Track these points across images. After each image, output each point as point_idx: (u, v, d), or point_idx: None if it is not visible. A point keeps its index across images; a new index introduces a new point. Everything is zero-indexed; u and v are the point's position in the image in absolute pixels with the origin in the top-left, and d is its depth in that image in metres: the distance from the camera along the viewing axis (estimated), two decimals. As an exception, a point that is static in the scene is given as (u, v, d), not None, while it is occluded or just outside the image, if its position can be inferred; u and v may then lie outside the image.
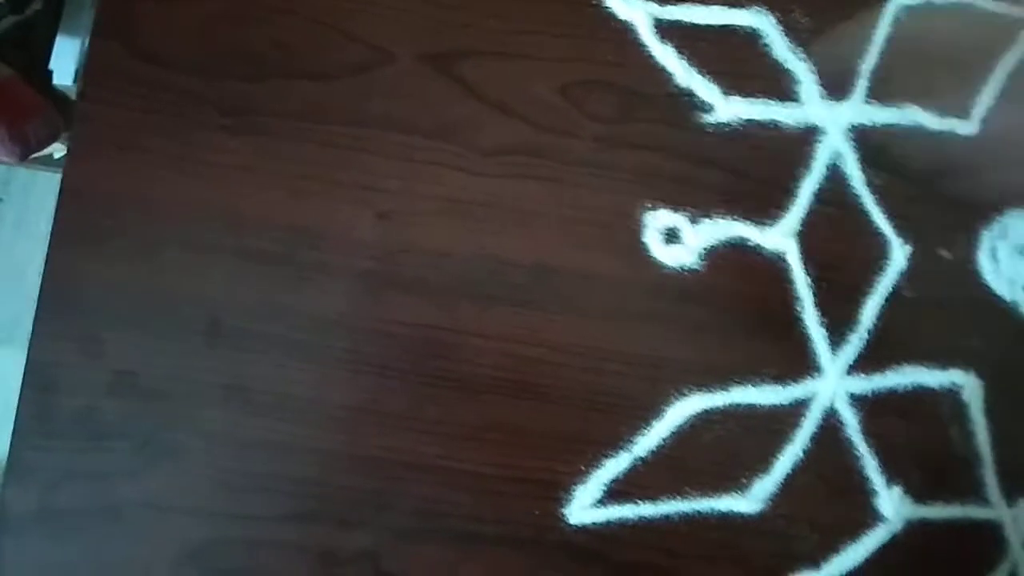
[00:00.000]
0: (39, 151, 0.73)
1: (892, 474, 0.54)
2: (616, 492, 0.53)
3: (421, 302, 0.53)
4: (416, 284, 0.53)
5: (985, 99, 0.56)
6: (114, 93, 0.53)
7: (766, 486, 0.53)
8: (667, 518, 0.53)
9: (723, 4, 0.55)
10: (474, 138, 0.54)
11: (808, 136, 0.55)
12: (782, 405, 0.54)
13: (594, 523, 0.53)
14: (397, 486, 0.52)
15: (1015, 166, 0.56)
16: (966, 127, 0.56)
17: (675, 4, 0.55)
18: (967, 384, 0.55)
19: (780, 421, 0.54)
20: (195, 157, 0.53)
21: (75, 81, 0.87)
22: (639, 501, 0.53)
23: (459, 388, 0.53)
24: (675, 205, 0.55)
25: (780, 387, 0.54)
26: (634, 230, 0.54)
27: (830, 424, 0.54)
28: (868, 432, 0.54)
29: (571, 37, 0.55)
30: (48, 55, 0.90)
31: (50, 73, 0.89)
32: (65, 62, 0.89)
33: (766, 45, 0.55)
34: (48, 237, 0.52)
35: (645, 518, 0.53)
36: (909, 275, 0.55)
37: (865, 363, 0.55)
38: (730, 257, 0.55)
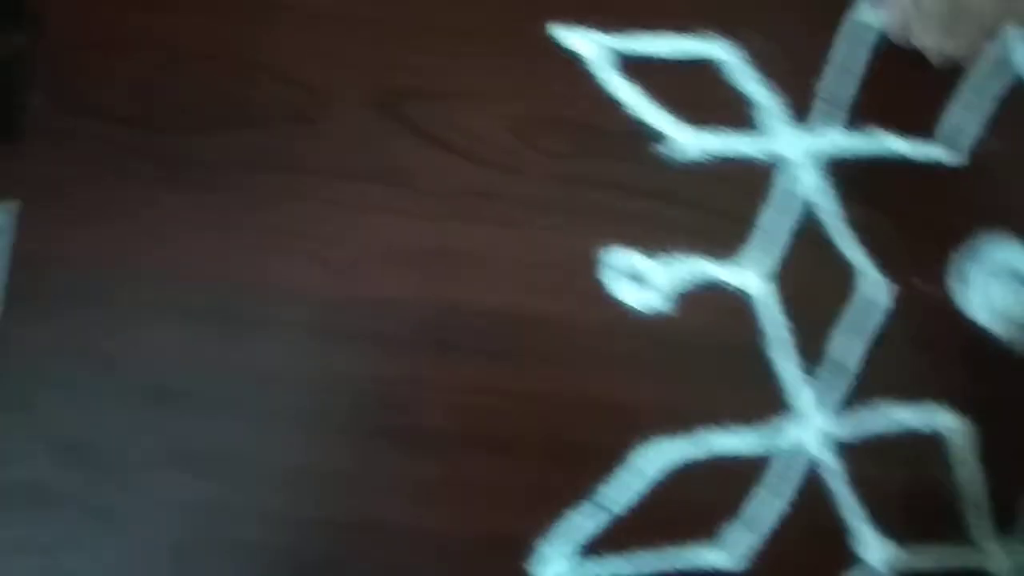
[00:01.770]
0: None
1: (873, 518, 0.51)
2: (586, 548, 0.51)
3: (369, 354, 0.51)
4: (364, 335, 0.51)
5: (961, 124, 0.53)
6: (50, 149, 0.52)
7: (742, 536, 0.51)
8: (637, 573, 0.51)
9: (679, 32, 0.53)
10: (422, 181, 0.52)
11: (775, 167, 0.53)
12: (756, 450, 0.51)
13: (560, 581, 0.50)
14: (353, 548, 0.50)
15: (991, 191, 0.53)
16: (942, 154, 0.53)
17: (629, 34, 0.53)
18: (949, 422, 0.52)
19: (755, 467, 0.51)
20: (131, 212, 0.52)
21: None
22: (610, 556, 0.51)
23: (413, 443, 0.51)
24: (636, 244, 0.52)
25: (754, 431, 0.52)
26: (594, 272, 0.52)
27: (808, 469, 0.51)
28: (847, 475, 0.51)
29: (520, 72, 0.53)
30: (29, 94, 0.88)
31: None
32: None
33: (727, 73, 0.53)
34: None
35: (614, 574, 0.51)
36: (888, 310, 0.52)
37: (844, 404, 0.52)
38: (696, 297, 0.52)
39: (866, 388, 0.52)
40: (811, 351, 0.52)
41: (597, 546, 0.51)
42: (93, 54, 0.52)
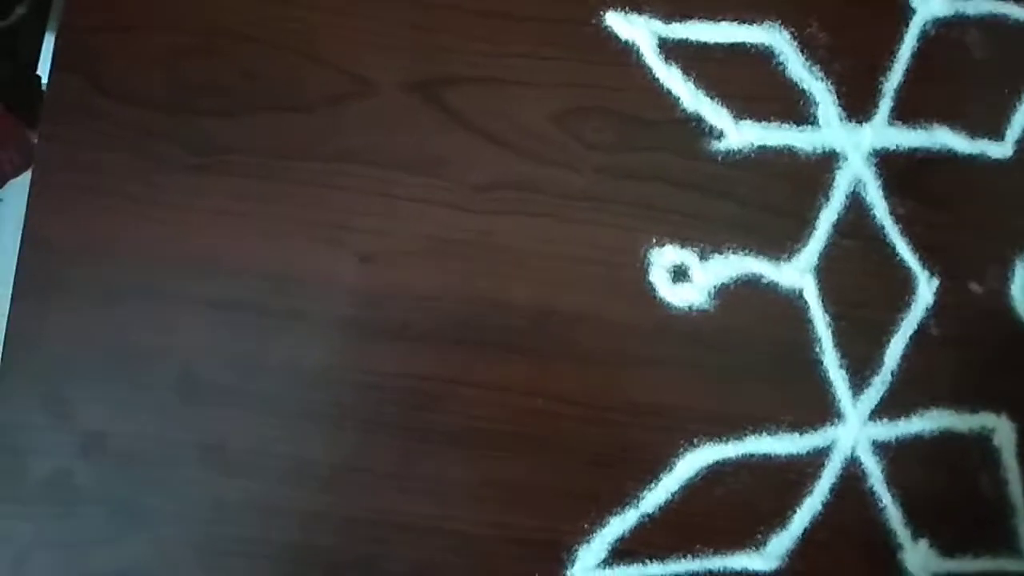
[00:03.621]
0: (15, 177, 0.70)
1: (918, 526, 0.50)
2: (622, 552, 0.49)
3: (408, 350, 0.50)
4: (403, 331, 0.50)
5: (1020, 118, 0.51)
6: (76, 131, 0.50)
7: (783, 542, 0.50)
8: (676, 578, 0.50)
9: (733, 20, 0.51)
10: (463, 172, 0.50)
11: (827, 162, 0.51)
12: (800, 455, 0.50)
13: (598, 586, 0.49)
14: (385, 549, 0.49)
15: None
16: (999, 149, 0.51)
17: (681, 21, 0.51)
18: (999, 428, 0.51)
19: (798, 472, 0.50)
20: (163, 200, 0.50)
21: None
22: (647, 561, 0.49)
23: (451, 442, 0.49)
24: (683, 240, 0.51)
25: (798, 435, 0.50)
26: (639, 268, 0.50)
27: (851, 474, 0.50)
28: (892, 482, 0.50)
29: (567, 60, 0.51)
30: (36, 62, 0.86)
31: (38, 79, 0.85)
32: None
33: (780, 64, 0.51)
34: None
35: (652, 578, 0.50)
36: (936, 311, 0.51)
37: (889, 407, 0.51)
38: (743, 295, 0.51)
39: (914, 390, 0.51)
40: (860, 352, 0.50)
41: (633, 549, 0.49)
42: (124, 36, 0.50)
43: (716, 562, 0.49)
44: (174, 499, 0.49)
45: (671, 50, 0.51)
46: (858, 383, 0.51)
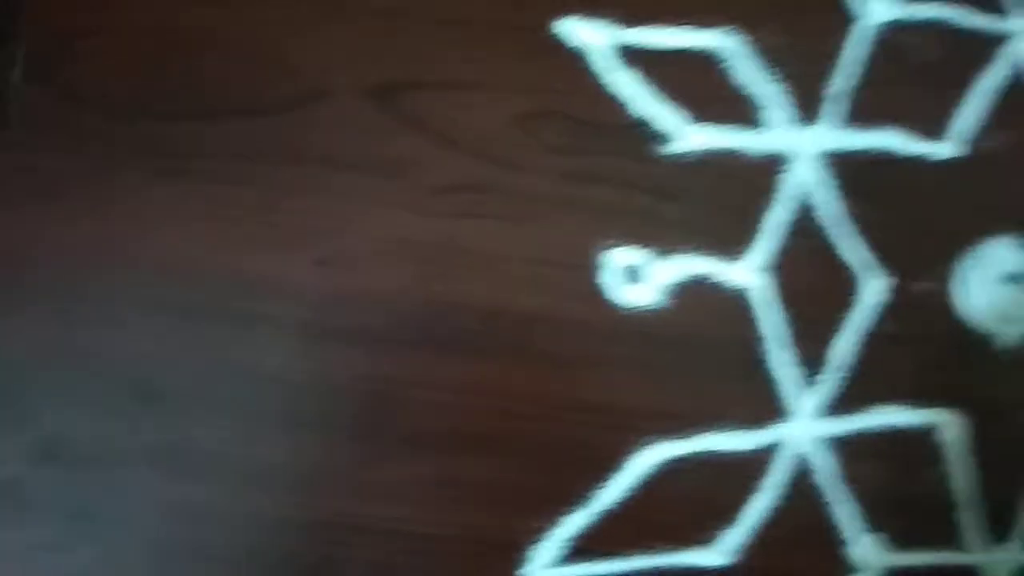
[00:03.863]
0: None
1: (867, 520, 0.51)
2: (579, 549, 0.50)
3: (365, 353, 0.50)
4: (360, 334, 0.50)
5: (963, 120, 0.53)
6: (35, 137, 0.50)
7: (735, 537, 0.51)
8: (631, 575, 0.50)
9: (688, 24, 0.52)
10: (419, 175, 0.51)
11: (776, 164, 0.52)
12: (751, 451, 0.51)
13: (554, 583, 0.50)
14: (345, 552, 0.49)
15: (995, 190, 0.53)
16: (944, 150, 0.53)
17: (636, 26, 0.51)
18: (946, 423, 0.52)
19: (749, 468, 0.51)
20: (119, 205, 0.50)
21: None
22: (601, 558, 0.50)
23: (408, 444, 0.50)
24: (635, 242, 0.51)
25: (749, 432, 0.51)
26: (592, 270, 0.51)
27: (802, 470, 0.51)
28: (842, 477, 0.51)
29: (521, 65, 0.51)
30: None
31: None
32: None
33: (732, 68, 0.52)
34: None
35: (605, 575, 0.50)
36: (885, 309, 0.52)
37: (839, 404, 0.52)
38: (695, 295, 0.51)
39: (862, 387, 0.52)
40: (808, 349, 0.51)
41: (588, 547, 0.50)
42: (82, 41, 0.50)
43: (670, 558, 0.50)
44: (129, 506, 0.49)
45: (628, 54, 0.51)
46: (808, 380, 0.52)
